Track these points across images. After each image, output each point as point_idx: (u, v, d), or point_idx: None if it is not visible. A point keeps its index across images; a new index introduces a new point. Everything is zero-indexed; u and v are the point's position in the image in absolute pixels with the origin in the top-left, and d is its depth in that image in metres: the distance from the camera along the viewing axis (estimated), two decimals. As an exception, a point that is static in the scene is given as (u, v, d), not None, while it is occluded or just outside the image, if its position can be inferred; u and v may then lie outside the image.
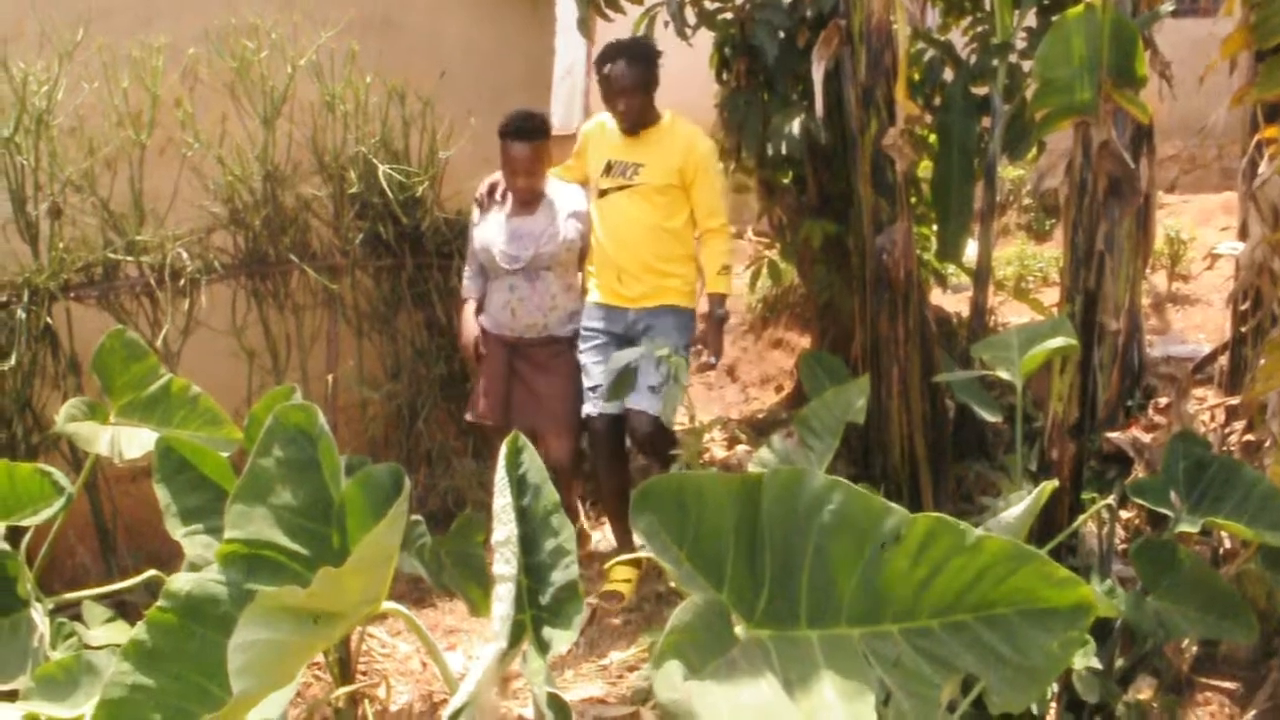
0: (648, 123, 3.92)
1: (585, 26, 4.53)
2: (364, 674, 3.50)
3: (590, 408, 3.96)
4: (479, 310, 4.13)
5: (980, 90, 4.44)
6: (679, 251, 3.96)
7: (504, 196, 4.03)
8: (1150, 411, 4.35)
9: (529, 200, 3.97)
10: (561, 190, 4.05)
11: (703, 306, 4.02)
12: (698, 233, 4.00)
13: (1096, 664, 2.78)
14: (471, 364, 4.18)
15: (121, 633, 2.91)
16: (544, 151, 3.92)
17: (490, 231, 3.99)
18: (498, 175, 4.04)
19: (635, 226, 3.91)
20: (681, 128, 3.96)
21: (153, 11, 3.94)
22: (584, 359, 4.01)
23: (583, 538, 4.34)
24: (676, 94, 4.34)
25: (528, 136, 3.85)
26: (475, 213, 4.07)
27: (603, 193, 3.98)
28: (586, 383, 3.98)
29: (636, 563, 3.99)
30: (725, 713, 1.54)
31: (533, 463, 2.07)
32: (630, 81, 3.84)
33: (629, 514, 1.78)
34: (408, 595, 3.85)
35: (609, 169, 3.96)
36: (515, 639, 1.90)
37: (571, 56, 6.32)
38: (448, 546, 3.24)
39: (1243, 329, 3.98)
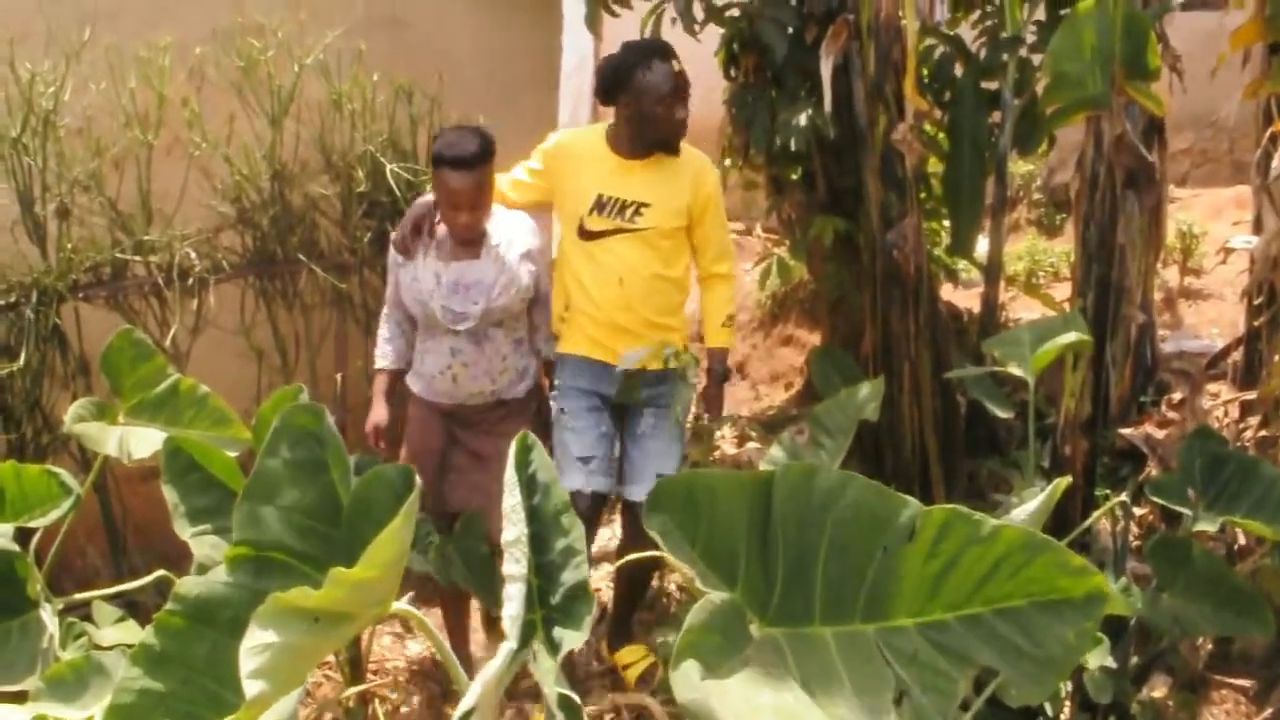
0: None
1: (593, 23, 4.51)
2: (374, 674, 3.50)
3: (578, 480, 3.24)
4: (406, 370, 3.43)
5: (990, 85, 4.42)
6: (678, 299, 3.42)
7: (432, 233, 3.28)
8: (1163, 407, 4.32)
9: (470, 240, 3.23)
10: (507, 223, 3.30)
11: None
12: (698, 275, 3.48)
13: (1111, 663, 2.77)
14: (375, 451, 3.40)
15: (131, 633, 2.90)
16: (489, 179, 3.17)
17: (424, 282, 3.24)
18: (423, 204, 3.31)
19: (635, 278, 3.28)
20: (689, 157, 3.36)
21: (160, 11, 3.92)
22: (569, 422, 3.32)
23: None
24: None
25: (468, 164, 3.08)
26: (393, 255, 3.33)
27: (590, 234, 3.31)
28: (576, 451, 3.29)
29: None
30: (745, 712, 1.53)
31: (541, 461, 2.06)
32: (687, 86, 3.25)
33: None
34: (417, 594, 3.84)
35: (600, 206, 3.27)
36: (525, 639, 1.89)
37: (578, 53, 6.29)
38: (455, 544, 3.24)
39: (1256, 324, 3.95)
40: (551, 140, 3.46)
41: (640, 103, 3.23)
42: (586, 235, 3.31)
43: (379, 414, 3.38)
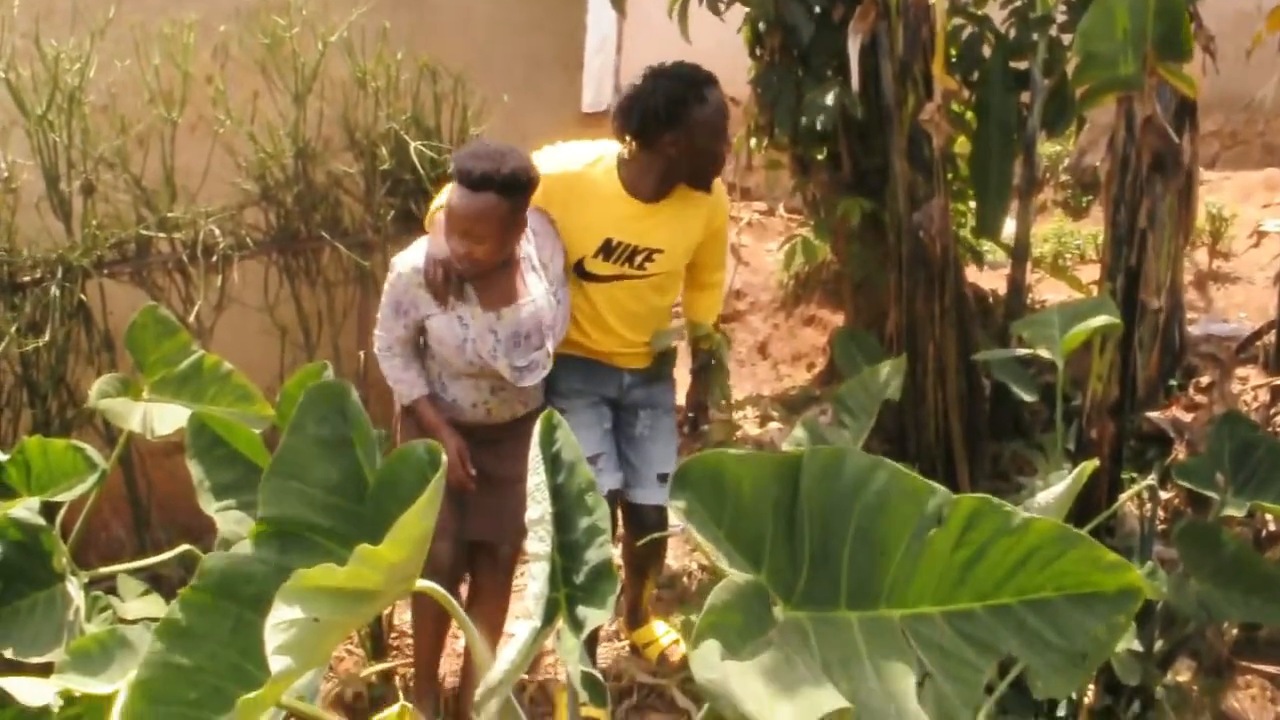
0: None
1: (618, 1, 4.48)
2: (396, 648, 3.51)
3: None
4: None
5: (1019, 64, 4.37)
6: (669, 314, 3.25)
7: (458, 278, 2.83)
8: (1191, 391, 4.28)
9: (478, 275, 2.80)
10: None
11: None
12: (688, 281, 3.24)
13: (1137, 646, 2.75)
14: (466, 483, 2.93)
15: (156, 606, 2.94)
16: (500, 215, 2.69)
17: (482, 342, 2.83)
18: (438, 245, 2.83)
19: (634, 318, 3.08)
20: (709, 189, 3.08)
21: (184, -12, 3.93)
22: (571, 421, 2.85)
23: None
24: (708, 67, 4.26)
25: (472, 186, 2.67)
26: (407, 299, 2.88)
27: (590, 276, 3.01)
28: (583, 451, 2.71)
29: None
30: (763, 694, 1.52)
31: (566, 440, 2.05)
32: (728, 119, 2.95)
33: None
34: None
35: (608, 250, 2.97)
36: (549, 617, 1.89)
37: (602, 32, 6.26)
38: None
39: (1287, 308, 3.91)
40: (549, 163, 2.95)
41: (693, 139, 2.89)
42: (585, 276, 3.02)
43: (456, 442, 2.91)
